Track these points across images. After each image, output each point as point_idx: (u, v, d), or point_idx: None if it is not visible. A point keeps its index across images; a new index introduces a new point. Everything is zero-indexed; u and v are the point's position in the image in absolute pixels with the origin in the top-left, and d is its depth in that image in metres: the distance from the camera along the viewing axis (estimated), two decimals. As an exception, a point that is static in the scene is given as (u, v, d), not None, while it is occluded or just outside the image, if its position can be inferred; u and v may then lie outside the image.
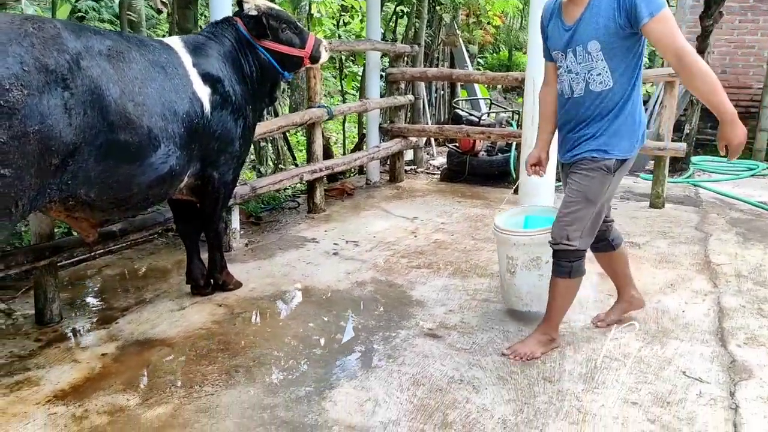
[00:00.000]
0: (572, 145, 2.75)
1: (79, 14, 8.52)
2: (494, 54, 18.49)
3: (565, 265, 2.76)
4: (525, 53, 17.52)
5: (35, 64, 2.18)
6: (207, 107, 2.99)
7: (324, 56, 3.64)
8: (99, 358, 2.85)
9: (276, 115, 6.29)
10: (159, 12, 11.87)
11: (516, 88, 12.27)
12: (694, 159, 7.26)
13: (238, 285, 3.68)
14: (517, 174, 6.06)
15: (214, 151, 3.15)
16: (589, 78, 2.63)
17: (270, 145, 6.66)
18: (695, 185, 6.51)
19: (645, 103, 11.17)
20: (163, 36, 11.13)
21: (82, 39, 2.44)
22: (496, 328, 3.17)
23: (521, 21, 13.99)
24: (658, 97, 6.93)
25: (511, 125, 6.94)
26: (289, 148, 6.96)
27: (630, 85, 2.62)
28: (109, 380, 2.65)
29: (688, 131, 6.68)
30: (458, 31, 8.79)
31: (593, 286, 3.70)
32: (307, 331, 3.17)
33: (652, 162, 6.01)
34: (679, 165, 6.80)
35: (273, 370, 2.77)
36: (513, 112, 7.44)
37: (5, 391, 2.55)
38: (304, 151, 7.82)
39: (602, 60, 2.57)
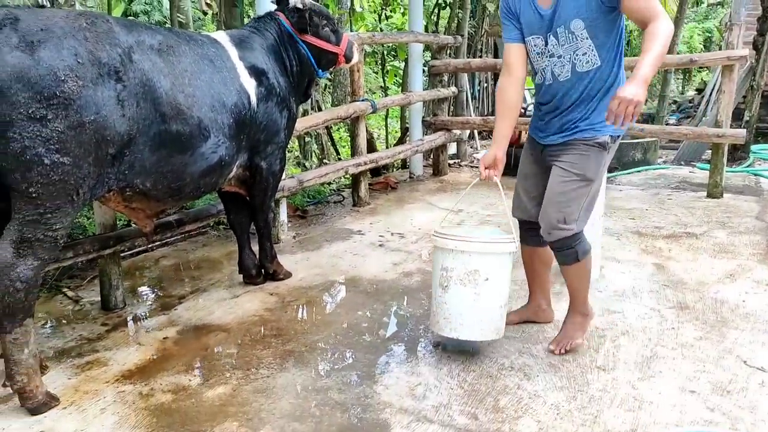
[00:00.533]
0: (559, 129, 2.64)
1: (131, 16, 8.81)
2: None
3: (569, 252, 2.67)
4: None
5: (89, 56, 2.28)
6: (253, 99, 3.10)
7: (356, 57, 3.76)
8: (161, 341, 2.99)
9: (320, 110, 6.41)
10: (205, 13, 12.17)
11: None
12: (754, 147, 7.04)
13: (288, 275, 3.79)
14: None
15: (261, 142, 3.26)
16: (575, 59, 2.54)
17: (314, 140, 6.78)
18: (755, 174, 6.32)
19: (701, 91, 10.82)
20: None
21: (133, 34, 2.55)
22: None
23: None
24: (715, 82, 6.75)
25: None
26: (333, 143, 7.07)
27: (616, 61, 2.55)
28: (171, 362, 2.79)
29: (747, 118, 6.47)
30: (502, 23, 8.72)
31: (649, 276, 3.68)
32: (356, 319, 3.25)
33: (709, 151, 5.87)
34: (738, 154, 6.61)
35: (324, 356, 2.86)
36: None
37: (77, 370, 2.71)
38: (347, 146, 7.97)
39: (587, 38, 2.49)
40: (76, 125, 2.22)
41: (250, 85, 3.08)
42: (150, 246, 4.11)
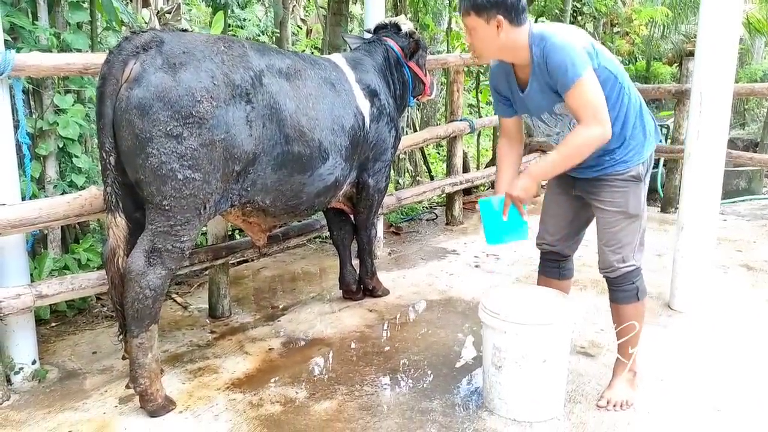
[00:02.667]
0: (588, 165, 2.41)
1: (229, 30, 9.18)
2: (629, 65, 17.67)
3: (629, 288, 2.53)
4: (665, 63, 16.66)
5: (224, 79, 2.41)
6: (367, 120, 3.18)
7: (435, 91, 3.88)
8: (267, 351, 3.08)
9: (415, 129, 6.46)
10: (300, 28, 12.62)
11: (655, 101, 11.63)
12: None
13: (386, 292, 3.82)
14: (665, 191, 5.78)
15: (370, 160, 3.33)
16: (573, 127, 2.34)
17: (408, 157, 6.83)
18: None
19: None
20: (303, 51, 11.77)
21: (264, 58, 2.67)
22: (650, 351, 3.04)
23: (663, 30, 13.27)
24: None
25: (661, 141, 6.60)
26: (425, 161, 7.10)
27: (617, 111, 2.34)
28: (277, 373, 2.86)
29: None
30: (600, 42, 8.51)
31: (763, 314, 3.46)
32: (456, 340, 3.22)
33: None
34: None
35: (426, 375, 2.85)
36: (661, 126, 7.08)
37: (190, 376, 2.83)
38: (435, 163, 7.96)
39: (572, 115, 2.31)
40: (208, 143, 2.35)
41: (364, 106, 3.16)
42: (260, 256, 4.25)
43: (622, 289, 2.55)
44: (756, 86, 6.80)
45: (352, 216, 3.61)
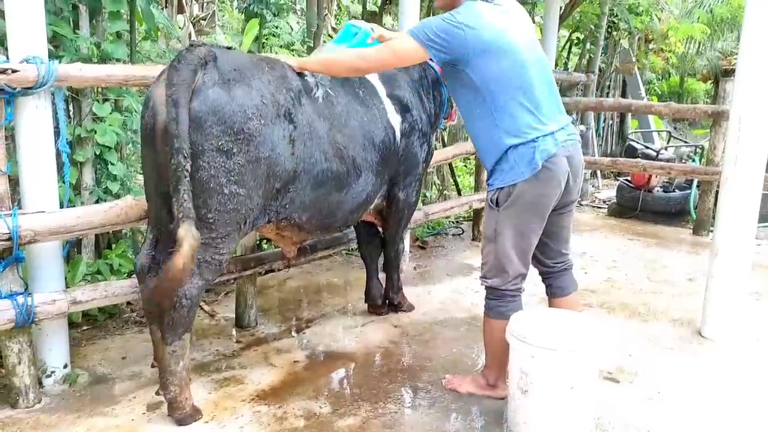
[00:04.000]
0: None
1: (263, 39, 9.28)
2: (663, 80, 17.44)
3: (486, 301, 2.69)
4: (699, 80, 16.38)
5: (271, 98, 2.46)
6: (398, 134, 3.18)
7: (454, 118, 3.83)
8: (291, 364, 3.09)
9: (443, 144, 6.45)
10: (330, 37, 12.70)
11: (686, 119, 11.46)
12: None
13: (411, 308, 3.81)
14: (698, 214, 5.67)
15: (401, 174, 3.33)
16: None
17: (435, 171, 6.82)
18: None
19: None
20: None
21: (300, 77, 2.71)
22: (681, 380, 2.99)
23: (699, 46, 13.07)
24: None
25: (693, 160, 6.51)
26: (453, 175, 7.07)
27: (480, 120, 2.53)
28: (302, 386, 2.87)
29: None
30: (635, 58, 8.43)
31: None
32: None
33: None
34: None
35: (449, 396, 2.82)
36: (695, 146, 6.96)
37: (216, 386, 2.86)
38: (461, 176, 7.93)
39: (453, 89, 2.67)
40: (254, 160, 2.41)
41: (395, 120, 3.16)
42: (287, 266, 4.28)
43: (485, 299, 2.73)
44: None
45: (381, 229, 3.62)
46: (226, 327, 3.54)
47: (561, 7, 6.12)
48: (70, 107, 3.40)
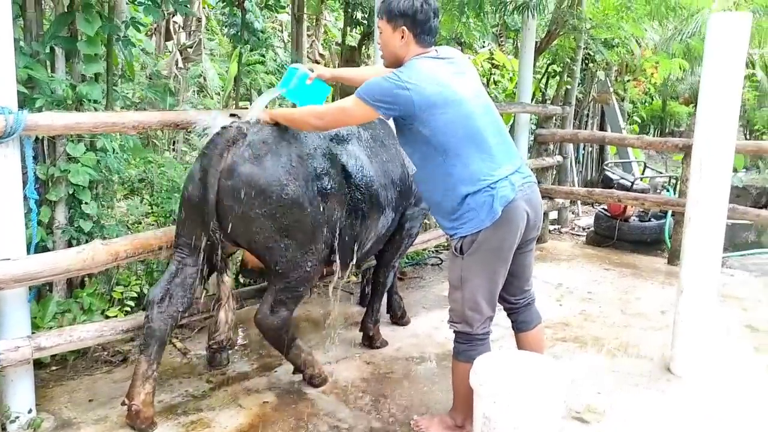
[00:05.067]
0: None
1: (247, 68, 9.36)
2: (646, 105, 17.70)
3: (454, 344, 2.74)
4: (681, 103, 16.68)
5: (298, 160, 2.78)
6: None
7: None
8: (261, 405, 3.09)
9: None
10: (317, 63, 12.87)
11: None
12: None
13: (384, 343, 3.83)
14: (673, 243, 5.75)
15: (410, 206, 3.49)
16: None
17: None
18: None
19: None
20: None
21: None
22: (650, 418, 3.02)
23: (681, 72, 13.33)
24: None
25: (668, 191, 6.61)
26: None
27: (437, 180, 2.59)
28: (269, 428, 2.87)
29: None
30: (611, 89, 8.59)
31: (763, 379, 3.41)
32: (451, 401, 3.20)
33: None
34: None
35: (419, 437, 2.84)
36: (670, 177, 7.09)
37: (182, 429, 2.86)
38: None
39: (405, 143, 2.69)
40: (300, 217, 2.74)
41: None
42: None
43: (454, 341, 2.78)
44: (762, 144, 6.82)
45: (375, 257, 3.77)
46: (197, 366, 3.53)
47: (537, 41, 6.24)
48: (45, 147, 3.43)
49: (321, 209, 2.81)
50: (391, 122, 2.76)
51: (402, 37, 2.56)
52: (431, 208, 2.75)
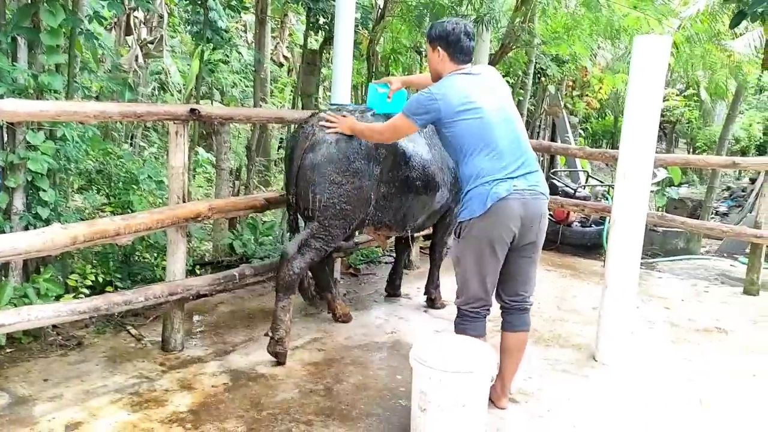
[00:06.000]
0: None
1: (210, 66, 9.43)
2: (599, 120, 18.38)
3: (455, 318, 3.09)
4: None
5: (366, 143, 3.49)
6: None
7: None
8: (213, 387, 3.24)
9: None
10: (281, 65, 12.95)
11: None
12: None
13: (443, 306, 4.63)
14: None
15: (458, 191, 3.92)
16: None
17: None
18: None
19: (754, 181, 10.82)
20: (282, 90, 12.07)
21: (383, 118, 3.53)
22: (572, 399, 3.30)
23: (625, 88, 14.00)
24: (760, 185, 6.83)
25: (606, 199, 7.01)
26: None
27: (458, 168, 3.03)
28: (221, 408, 3.03)
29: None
30: (561, 102, 9.01)
31: (674, 370, 3.72)
32: (395, 382, 3.42)
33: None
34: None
35: (363, 416, 3.03)
36: (609, 186, 7.50)
37: (135, 407, 2.98)
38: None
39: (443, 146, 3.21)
40: (358, 187, 3.49)
41: None
42: (212, 293, 4.42)
43: None
44: (690, 157, 7.32)
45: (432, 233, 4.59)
46: (151, 351, 3.65)
47: (490, 55, 6.54)
48: (4, 134, 3.51)
49: (376, 181, 3.54)
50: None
51: (439, 55, 3.04)
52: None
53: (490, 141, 2.87)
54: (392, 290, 4.85)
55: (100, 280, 4.13)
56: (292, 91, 10.05)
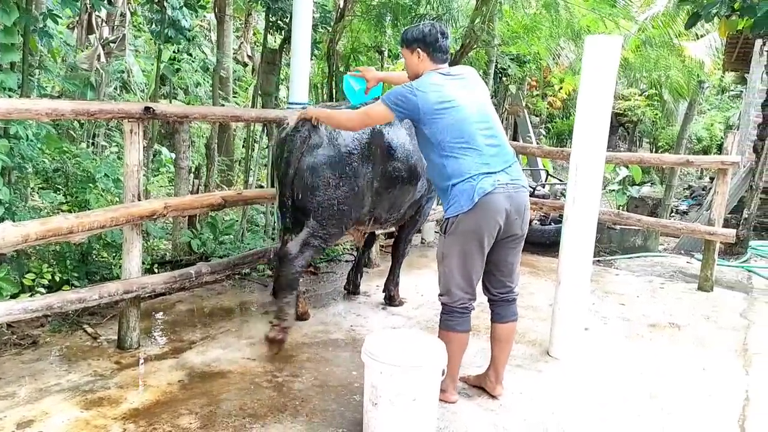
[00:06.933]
0: None
1: (175, 65, 9.36)
2: (564, 119, 18.72)
3: (440, 316, 3.15)
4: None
5: (357, 143, 3.66)
6: None
7: None
8: (168, 384, 3.25)
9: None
10: (245, 65, 12.89)
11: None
12: (753, 243, 7.22)
13: (401, 303, 4.72)
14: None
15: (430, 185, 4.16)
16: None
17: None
18: (749, 271, 6.48)
19: (714, 179, 11.23)
20: (246, 89, 12.02)
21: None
22: (524, 393, 3.39)
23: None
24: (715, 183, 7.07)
25: (565, 197, 7.16)
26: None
27: (442, 164, 3.04)
28: (175, 404, 3.05)
29: (746, 216, 6.72)
30: (523, 102, 9.17)
31: (625, 364, 3.86)
32: (350, 378, 3.47)
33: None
34: (736, 249, 6.80)
35: (317, 411, 3.08)
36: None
37: (89, 405, 2.98)
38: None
39: (419, 144, 3.25)
40: (354, 187, 3.63)
41: None
42: (169, 290, 4.42)
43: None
44: (645, 156, 7.54)
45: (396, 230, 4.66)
46: (107, 349, 3.64)
47: (451, 54, 6.63)
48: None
49: (370, 180, 3.69)
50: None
51: (418, 57, 3.10)
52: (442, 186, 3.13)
53: (469, 138, 2.96)
54: (352, 288, 4.91)
55: (57, 279, 4.10)
56: (249, 85, 10.01)
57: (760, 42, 7.39)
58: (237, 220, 6.00)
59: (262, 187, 7.03)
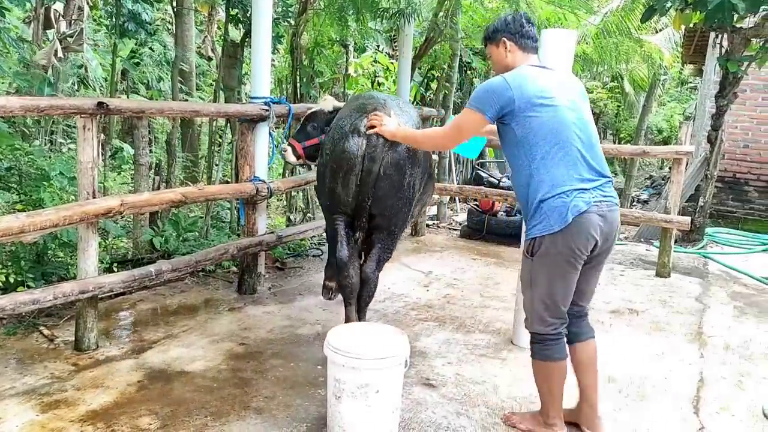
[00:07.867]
0: None
1: (136, 59, 9.17)
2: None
3: (531, 345, 2.84)
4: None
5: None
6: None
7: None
8: (127, 385, 3.19)
9: (310, 169, 6.74)
10: (209, 59, 12.69)
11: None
12: (709, 230, 7.42)
13: None
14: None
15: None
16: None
17: (300, 194, 7.09)
18: (705, 257, 6.65)
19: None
20: (211, 84, 11.85)
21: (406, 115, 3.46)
22: (488, 382, 3.42)
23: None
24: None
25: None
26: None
27: (524, 172, 2.69)
28: (135, 405, 2.99)
29: (702, 204, 6.89)
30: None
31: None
32: (315, 372, 3.46)
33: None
34: (692, 236, 6.97)
35: (281, 407, 3.06)
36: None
37: (45, 408, 2.91)
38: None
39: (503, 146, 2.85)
40: (413, 192, 3.49)
41: None
42: (130, 290, 4.34)
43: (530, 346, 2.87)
44: (603, 146, 7.64)
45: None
46: (64, 351, 3.55)
47: (414, 48, 6.64)
48: None
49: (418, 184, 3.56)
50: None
51: (506, 48, 2.83)
52: (526, 207, 2.74)
53: (565, 146, 2.61)
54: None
55: (12, 280, 3.98)
56: (213, 81, 9.86)
57: (713, 35, 7.57)
58: (201, 217, 5.92)
59: (227, 182, 6.95)
